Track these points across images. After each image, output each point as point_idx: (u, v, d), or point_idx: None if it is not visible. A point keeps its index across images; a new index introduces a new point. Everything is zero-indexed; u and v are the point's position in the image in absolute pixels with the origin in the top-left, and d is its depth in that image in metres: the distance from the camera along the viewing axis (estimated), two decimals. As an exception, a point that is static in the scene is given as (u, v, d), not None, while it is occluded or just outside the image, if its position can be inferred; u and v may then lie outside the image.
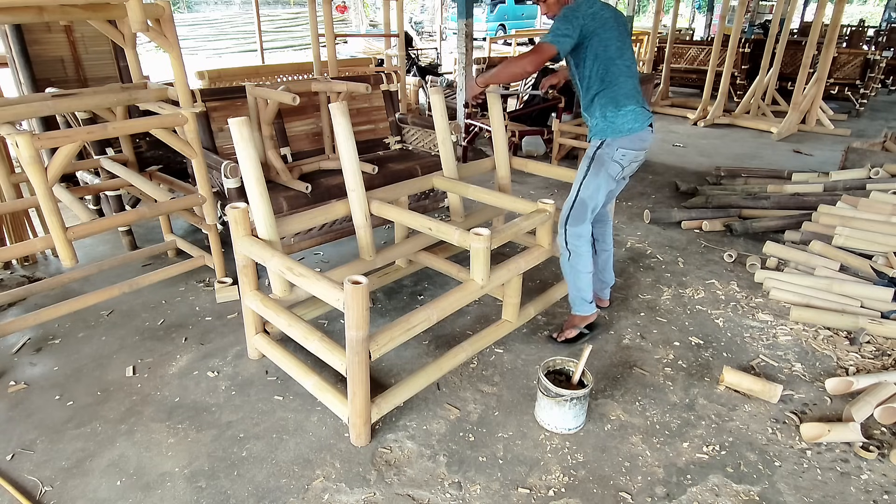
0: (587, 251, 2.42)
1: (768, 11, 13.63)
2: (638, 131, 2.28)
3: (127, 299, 2.87)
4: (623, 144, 2.28)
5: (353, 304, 1.68)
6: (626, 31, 2.31)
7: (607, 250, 2.70)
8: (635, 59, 2.25)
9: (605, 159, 2.31)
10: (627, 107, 2.26)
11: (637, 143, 2.30)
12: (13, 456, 1.92)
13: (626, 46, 2.28)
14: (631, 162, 2.34)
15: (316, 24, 4.48)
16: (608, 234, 2.69)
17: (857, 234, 3.08)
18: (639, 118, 2.28)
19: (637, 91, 2.30)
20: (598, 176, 2.33)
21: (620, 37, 2.25)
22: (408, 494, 1.79)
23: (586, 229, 2.39)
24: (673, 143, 6.31)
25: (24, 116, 2.28)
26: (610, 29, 2.22)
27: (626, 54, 2.27)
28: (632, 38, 2.25)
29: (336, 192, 2.87)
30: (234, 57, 14.55)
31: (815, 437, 1.99)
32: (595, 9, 2.22)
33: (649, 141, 2.35)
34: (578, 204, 2.36)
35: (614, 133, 2.27)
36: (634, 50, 9.44)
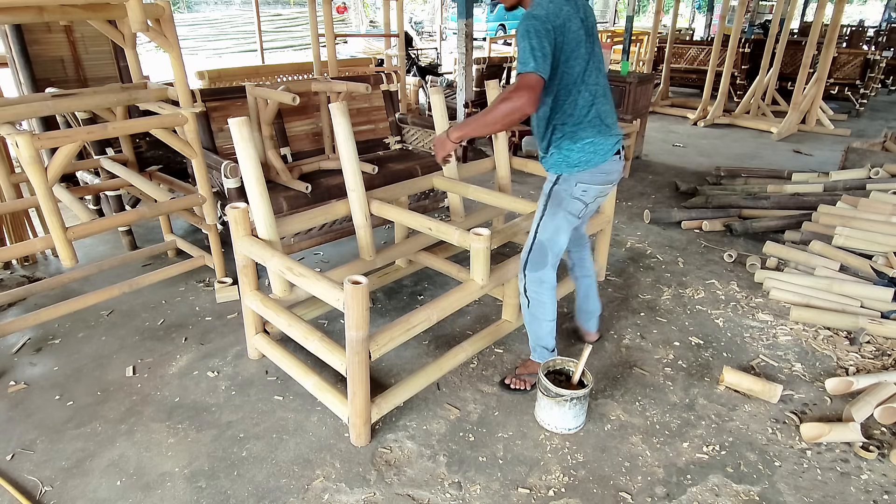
0: (550, 299, 2.12)
1: (768, 11, 13.64)
2: (599, 164, 1.95)
3: (127, 299, 2.87)
4: (582, 179, 1.96)
5: (353, 304, 1.68)
6: (593, 30, 1.91)
7: (588, 276, 2.40)
8: (604, 66, 1.93)
9: (563, 196, 1.99)
10: (585, 139, 1.91)
11: (599, 177, 1.98)
12: (13, 456, 1.92)
13: (594, 57, 1.88)
14: (596, 197, 2.03)
15: (316, 24, 4.48)
16: (587, 258, 2.40)
17: (857, 234, 3.08)
18: (599, 149, 1.93)
19: (600, 116, 1.93)
20: (556, 216, 2.01)
21: (587, 51, 1.85)
22: (408, 494, 1.79)
23: (549, 275, 2.08)
24: (673, 143, 6.31)
25: (24, 116, 2.28)
26: (578, 44, 1.81)
27: (592, 70, 1.88)
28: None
29: (336, 192, 2.87)
30: (234, 57, 14.55)
31: (815, 437, 1.99)
32: (562, 18, 1.77)
33: (617, 172, 2.03)
34: (537, 247, 2.06)
35: (570, 168, 1.95)
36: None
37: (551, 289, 2.12)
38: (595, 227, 2.85)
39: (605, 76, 1.98)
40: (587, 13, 1.90)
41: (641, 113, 5.34)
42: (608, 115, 1.97)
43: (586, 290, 2.43)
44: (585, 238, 2.42)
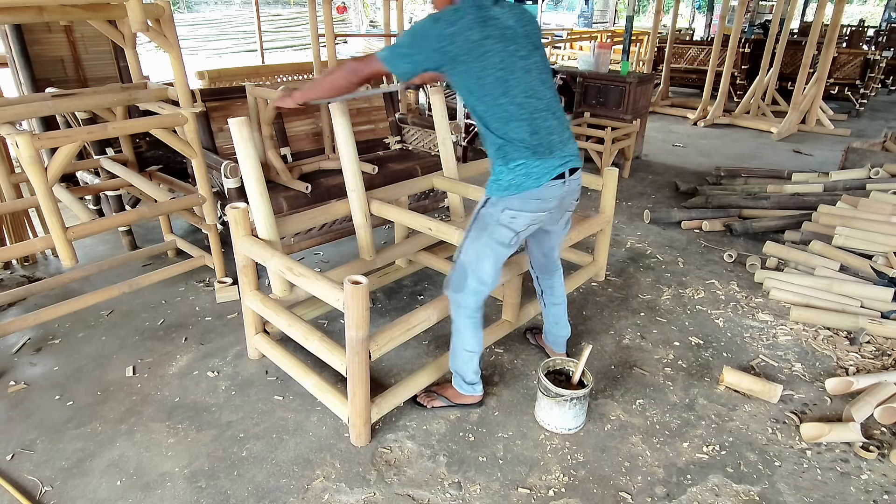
0: (467, 328, 1.95)
1: (768, 11, 13.63)
2: (531, 188, 1.73)
3: (127, 299, 2.87)
4: (511, 205, 1.76)
5: (353, 304, 1.68)
6: (526, 47, 1.71)
7: (557, 304, 2.27)
8: (544, 84, 1.76)
9: (489, 221, 1.80)
10: (517, 160, 1.72)
11: (532, 204, 1.76)
12: (13, 456, 1.92)
13: (517, 75, 1.68)
14: (529, 225, 1.82)
15: (316, 24, 4.48)
16: (557, 285, 2.24)
17: (857, 234, 3.08)
18: (532, 172, 1.72)
19: (536, 134, 1.72)
20: (479, 240, 1.83)
21: (506, 63, 1.66)
22: (408, 494, 1.79)
23: (467, 301, 1.90)
24: (673, 143, 6.31)
25: (24, 116, 2.28)
26: (485, 55, 1.64)
27: (515, 87, 1.68)
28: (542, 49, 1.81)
29: (336, 192, 2.87)
30: (234, 57, 14.54)
31: (815, 437, 1.99)
32: (458, 27, 1.61)
33: (554, 199, 1.80)
34: (458, 268, 1.90)
35: (499, 191, 1.76)
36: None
37: (469, 317, 1.94)
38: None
39: (551, 88, 1.79)
40: (514, 21, 1.71)
41: (641, 113, 5.34)
42: (549, 134, 1.75)
43: (556, 317, 2.30)
44: (556, 264, 2.22)
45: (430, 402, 2.14)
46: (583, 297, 2.96)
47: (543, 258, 2.19)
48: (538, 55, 1.76)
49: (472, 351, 2.01)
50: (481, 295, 1.91)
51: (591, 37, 10.66)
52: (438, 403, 2.13)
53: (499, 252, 1.85)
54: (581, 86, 5.43)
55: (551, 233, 2.06)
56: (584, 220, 2.83)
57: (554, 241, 2.12)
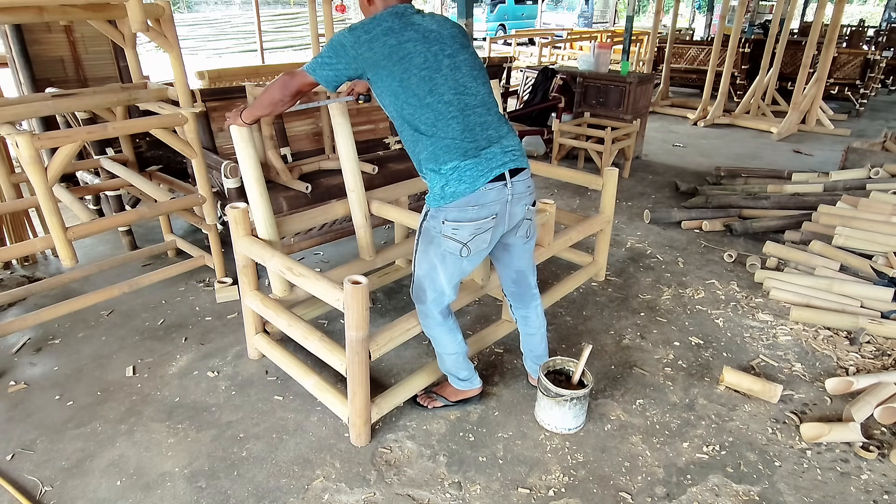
0: (441, 333, 1.93)
1: (768, 11, 13.64)
2: (466, 194, 1.64)
3: (127, 299, 2.87)
4: (450, 216, 1.67)
5: (353, 304, 1.68)
6: (451, 46, 1.68)
7: (532, 334, 2.14)
8: (476, 80, 1.72)
9: (433, 234, 1.75)
10: (448, 162, 1.64)
11: (471, 212, 1.66)
12: (13, 456, 1.92)
13: (444, 73, 1.64)
14: (475, 235, 1.70)
15: (316, 24, 4.47)
16: (532, 316, 2.10)
17: (857, 234, 3.08)
18: (465, 176, 1.63)
19: (467, 131, 1.65)
20: (428, 253, 1.78)
21: (430, 62, 1.63)
22: (408, 494, 1.79)
23: (431, 311, 1.88)
24: (673, 143, 6.31)
25: (24, 116, 2.28)
26: (407, 57, 1.62)
27: (442, 84, 1.64)
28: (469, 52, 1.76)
29: (336, 192, 2.87)
30: (234, 57, 14.54)
31: (815, 437, 1.99)
32: (375, 34, 1.62)
33: (494, 202, 1.68)
34: (416, 281, 1.87)
35: (435, 200, 1.69)
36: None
37: (437, 325, 1.91)
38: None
39: (485, 84, 1.74)
40: (437, 25, 1.71)
41: (641, 113, 5.34)
42: (484, 130, 1.68)
43: (531, 345, 2.18)
44: (532, 293, 2.06)
45: (430, 402, 2.13)
46: (583, 297, 2.96)
47: (514, 286, 2.04)
48: (466, 53, 1.72)
49: (455, 353, 1.99)
50: (443, 304, 1.87)
51: (591, 37, 10.67)
52: (439, 404, 2.12)
53: (451, 263, 1.76)
54: (581, 86, 5.43)
55: (511, 248, 1.91)
56: (584, 220, 2.83)
57: (518, 260, 1.96)
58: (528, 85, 6.12)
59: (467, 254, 1.74)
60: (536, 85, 5.88)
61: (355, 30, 1.65)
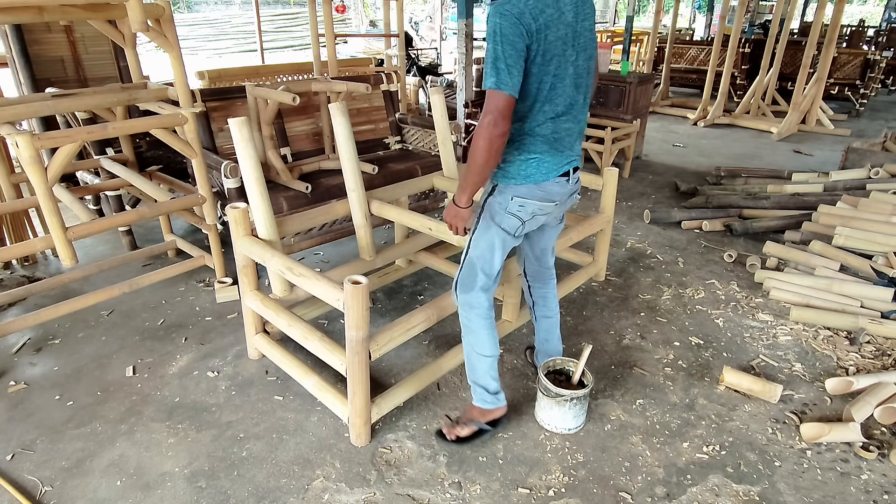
0: (483, 328, 1.87)
1: (768, 11, 13.63)
2: (540, 181, 1.72)
3: (127, 299, 2.87)
4: (520, 193, 1.73)
5: (353, 304, 1.68)
6: (581, 37, 1.64)
7: (550, 317, 2.16)
8: (588, 79, 1.74)
9: (497, 210, 1.76)
10: (533, 153, 1.70)
11: (539, 193, 1.74)
12: (13, 456, 1.92)
13: (564, 84, 1.64)
14: (535, 214, 1.78)
15: (316, 24, 4.48)
16: (550, 296, 2.15)
17: (857, 234, 3.08)
18: (543, 167, 1.71)
19: (558, 134, 1.70)
20: (489, 231, 1.78)
21: (560, 71, 1.61)
22: (408, 494, 1.79)
23: (479, 299, 1.84)
24: (673, 143, 6.31)
25: (24, 116, 2.28)
26: (553, 46, 1.56)
27: (565, 87, 1.64)
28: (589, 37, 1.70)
29: (336, 192, 2.87)
30: (234, 57, 14.54)
31: (815, 437, 1.99)
32: (543, 20, 1.53)
33: (560, 194, 1.78)
34: (467, 265, 1.85)
35: (507, 179, 1.73)
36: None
37: (483, 317, 1.86)
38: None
39: (584, 93, 1.74)
40: (580, 13, 1.63)
41: (641, 113, 5.34)
42: (569, 136, 1.74)
43: (547, 332, 2.18)
44: (551, 272, 2.13)
45: (455, 431, 1.97)
46: (583, 297, 2.96)
47: (537, 262, 2.10)
48: (583, 57, 1.68)
49: (491, 355, 1.90)
50: (491, 291, 1.87)
51: (591, 37, 10.64)
52: (465, 431, 1.96)
53: (507, 242, 1.81)
54: (581, 86, 5.42)
55: (546, 228, 1.99)
56: (584, 220, 2.83)
57: (548, 240, 2.05)
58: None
59: (521, 232, 1.82)
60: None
61: (521, 12, 1.50)
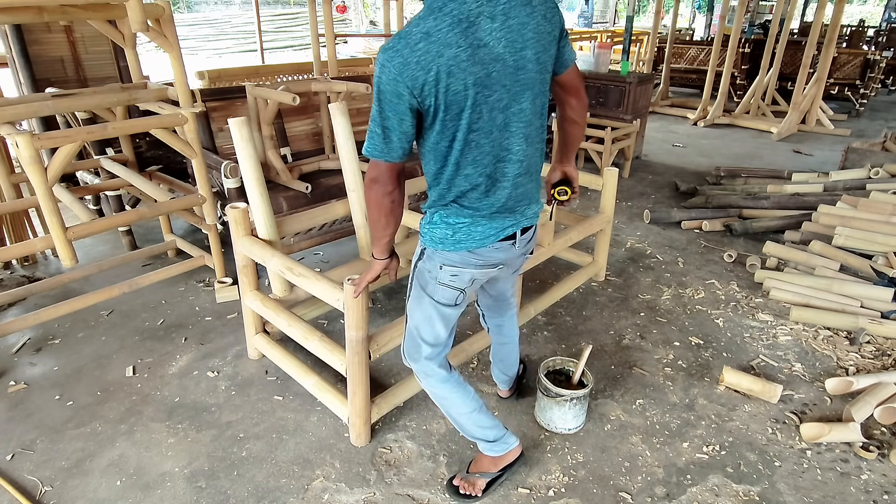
0: (449, 391, 1.67)
1: (768, 11, 13.63)
2: (474, 249, 1.44)
3: (127, 299, 2.87)
4: (451, 261, 1.46)
5: (353, 305, 1.68)
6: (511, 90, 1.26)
7: (507, 343, 1.99)
8: (528, 142, 1.37)
9: (427, 280, 1.53)
10: (460, 220, 1.41)
11: (474, 261, 1.46)
12: (13, 456, 1.92)
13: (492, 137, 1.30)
14: (474, 280, 1.52)
15: (316, 24, 4.48)
16: (508, 325, 1.95)
17: (857, 234, 3.08)
18: (475, 234, 1.42)
19: (495, 200, 1.39)
20: (423, 301, 1.56)
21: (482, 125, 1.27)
22: (408, 494, 1.79)
23: (431, 368, 1.64)
24: (673, 143, 6.31)
25: (24, 116, 2.28)
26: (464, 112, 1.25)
27: (486, 154, 1.32)
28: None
29: (336, 192, 2.87)
30: (234, 57, 14.54)
31: (815, 437, 1.99)
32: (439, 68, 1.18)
33: (506, 258, 1.51)
34: (408, 335, 1.66)
35: (433, 242, 1.46)
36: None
37: (443, 382, 1.66)
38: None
39: (533, 142, 1.38)
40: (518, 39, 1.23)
41: (641, 113, 5.34)
42: (511, 198, 1.41)
43: (506, 354, 2.03)
44: (509, 303, 1.90)
45: (470, 487, 1.75)
46: (583, 297, 2.96)
47: (492, 300, 1.87)
48: (527, 99, 1.30)
49: (471, 410, 1.69)
50: (441, 357, 1.66)
51: (591, 37, 10.66)
52: (482, 483, 1.75)
53: (446, 314, 1.56)
54: (581, 86, 5.42)
55: (499, 281, 1.77)
56: (584, 220, 2.83)
57: (503, 288, 1.83)
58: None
59: (464, 298, 1.55)
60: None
61: (405, 63, 1.18)
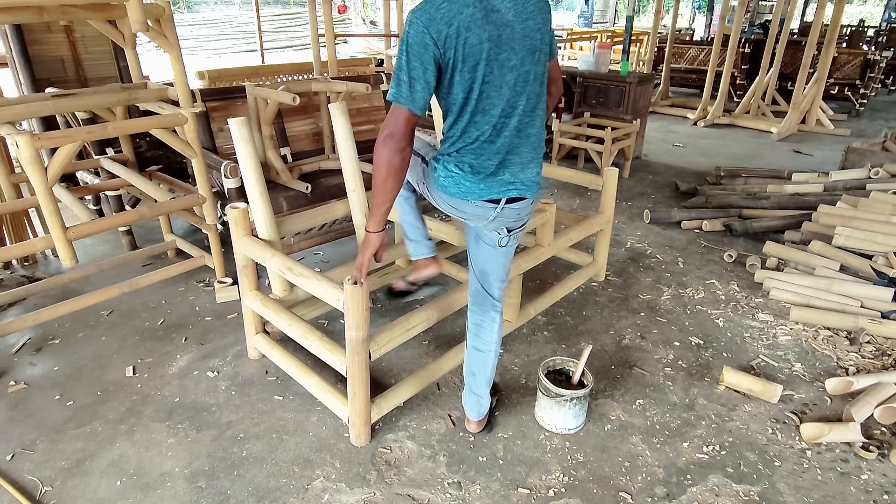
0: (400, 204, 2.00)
1: (768, 11, 13.63)
2: (454, 196, 1.58)
3: (127, 299, 2.87)
4: (440, 189, 1.63)
5: (353, 305, 1.68)
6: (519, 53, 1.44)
7: (483, 352, 1.86)
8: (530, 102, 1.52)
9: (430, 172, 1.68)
10: (454, 171, 1.55)
11: (451, 203, 1.62)
12: (13, 456, 1.92)
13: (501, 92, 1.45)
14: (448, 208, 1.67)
15: (316, 24, 4.48)
16: (486, 328, 1.85)
17: (857, 234, 3.08)
18: (464, 187, 1.55)
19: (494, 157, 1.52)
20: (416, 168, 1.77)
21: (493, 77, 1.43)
22: (408, 494, 1.79)
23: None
24: (673, 143, 6.31)
25: (24, 116, 2.28)
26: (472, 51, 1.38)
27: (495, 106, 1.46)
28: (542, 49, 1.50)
29: (336, 192, 2.87)
30: (234, 57, 14.54)
31: (815, 437, 1.99)
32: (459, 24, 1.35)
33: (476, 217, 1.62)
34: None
35: (437, 171, 1.61)
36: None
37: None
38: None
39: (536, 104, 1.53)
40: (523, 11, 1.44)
41: (641, 113, 5.34)
42: (506, 158, 1.53)
43: (475, 365, 1.89)
44: (492, 302, 1.85)
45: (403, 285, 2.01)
46: (583, 297, 2.96)
47: (478, 283, 1.84)
48: (531, 62, 1.48)
49: (410, 224, 2.10)
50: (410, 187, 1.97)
51: (591, 37, 10.66)
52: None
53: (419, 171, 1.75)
54: (581, 86, 5.43)
55: (480, 243, 1.77)
56: (584, 220, 2.83)
57: (484, 261, 1.79)
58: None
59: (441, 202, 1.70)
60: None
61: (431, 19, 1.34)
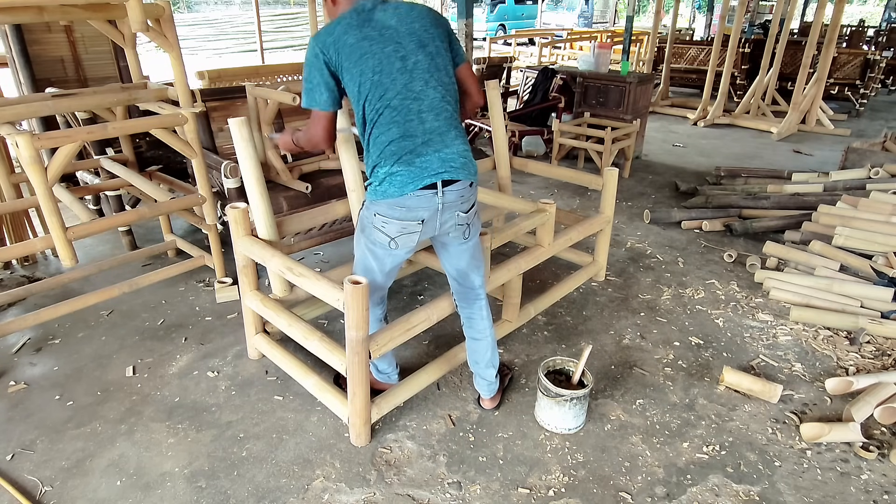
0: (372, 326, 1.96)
1: (768, 11, 13.64)
2: (394, 196, 1.65)
3: (127, 299, 2.87)
4: (380, 210, 1.69)
5: (353, 304, 1.68)
6: (406, 47, 1.64)
7: (477, 339, 2.03)
8: (428, 84, 1.67)
9: (365, 224, 1.77)
10: (383, 167, 1.66)
11: (398, 211, 1.67)
12: (13, 456, 1.92)
13: (393, 77, 1.62)
14: (402, 233, 1.71)
15: (316, 23, 4.48)
16: (476, 317, 2.01)
17: (857, 234, 3.08)
18: (396, 181, 1.64)
19: (408, 140, 1.64)
20: (360, 242, 1.83)
21: (382, 66, 1.61)
22: (408, 494, 1.79)
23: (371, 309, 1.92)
24: (673, 143, 6.31)
25: (24, 116, 2.28)
26: (363, 58, 1.60)
27: (390, 89, 1.62)
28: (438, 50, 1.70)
29: (336, 192, 2.87)
30: (234, 57, 14.54)
31: (815, 437, 1.99)
32: (336, 34, 1.61)
33: (422, 208, 1.68)
34: (354, 266, 1.92)
35: (370, 195, 1.71)
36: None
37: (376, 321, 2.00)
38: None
39: (437, 88, 1.68)
40: (406, 17, 1.67)
41: (641, 113, 5.34)
42: (423, 138, 1.66)
43: (475, 353, 2.06)
44: (476, 293, 1.99)
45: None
46: (583, 297, 2.97)
47: (457, 283, 1.98)
48: (422, 53, 1.66)
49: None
50: (376, 295, 1.95)
51: (591, 37, 10.67)
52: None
53: (380, 255, 1.80)
54: (581, 86, 5.43)
55: (448, 247, 1.88)
56: (584, 220, 2.83)
57: (457, 260, 1.91)
58: (528, 85, 6.12)
59: (396, 247, 1.76)
60: (536, 85, 5.89)
61: (319, 35, 1.64)
